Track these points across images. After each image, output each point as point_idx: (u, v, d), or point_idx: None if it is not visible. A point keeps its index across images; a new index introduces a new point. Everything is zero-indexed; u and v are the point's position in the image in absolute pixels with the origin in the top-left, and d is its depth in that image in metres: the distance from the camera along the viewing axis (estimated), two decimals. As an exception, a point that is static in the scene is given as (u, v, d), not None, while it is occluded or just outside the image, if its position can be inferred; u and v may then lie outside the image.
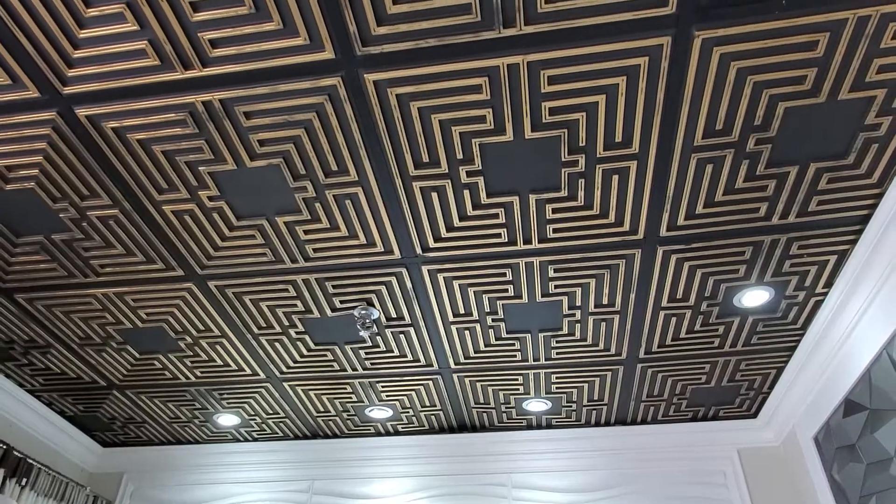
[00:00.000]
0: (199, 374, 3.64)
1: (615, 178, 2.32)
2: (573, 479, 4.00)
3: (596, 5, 1.78)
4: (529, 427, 4.15)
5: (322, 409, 4.00)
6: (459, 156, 2.24)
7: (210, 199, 2.45)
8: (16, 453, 3.49)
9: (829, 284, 2.83)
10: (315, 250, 2.70)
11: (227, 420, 4.15)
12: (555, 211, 2.46)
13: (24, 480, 3.50)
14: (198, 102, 2.08)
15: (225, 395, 3.87)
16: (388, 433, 4.28)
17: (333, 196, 2.42)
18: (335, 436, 4.34)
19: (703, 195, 2.39)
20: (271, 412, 4.05)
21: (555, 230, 2.55)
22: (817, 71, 1.94)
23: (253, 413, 4.07)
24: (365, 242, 2.65)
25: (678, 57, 1.91)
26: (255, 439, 4.42)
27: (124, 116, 2.14)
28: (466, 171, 2.30)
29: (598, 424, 4.08)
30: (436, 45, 1.90)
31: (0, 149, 2.28)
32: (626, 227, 2.53)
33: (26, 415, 3.97)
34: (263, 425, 4.23)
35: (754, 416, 3.95)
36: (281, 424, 4.21)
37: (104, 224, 2.59)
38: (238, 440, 4.44)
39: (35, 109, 2.14)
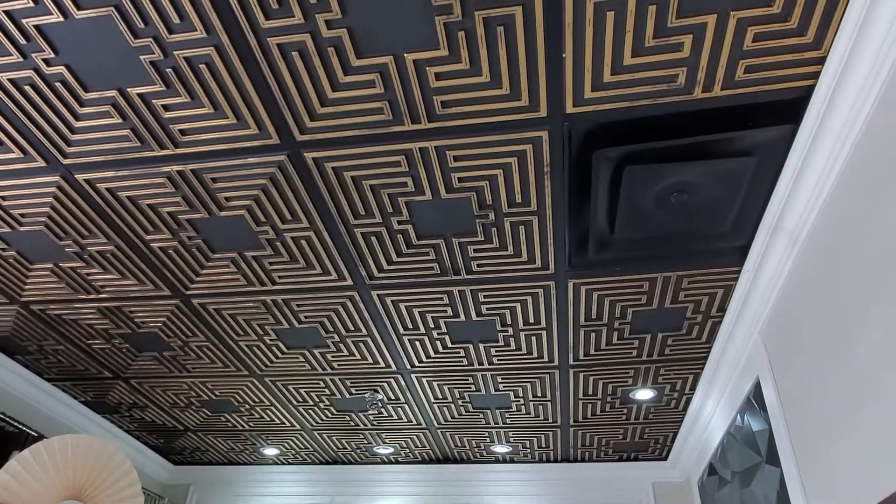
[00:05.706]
0: (252, 424, 5.00)
1: (533, 339, 3.59)
2: (530, 502, 5.33)
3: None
4: (497, 462, 5.48)
5: (341, 447, 5.35)
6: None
7: (280, 349, 3.75)
8: (123, 481, 4.87)
9: (692, 388, 4.10)
10: (338, 364, 4.00)
11: (269, 451, 5.51)
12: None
13: (130, 500, 4.89)
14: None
15: (269, 437, 5.23)
16: (390, 462, 5.64)
17: (352, 341, 3.71)
18: (350, 463, 5.71)
19: (593, 345, 3.65)
20: (303, 447, 5.41)
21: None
22: (647, 296, 3.18)
23: (289, 447, 5.43)
24: (383, 365, 3.94)
25: (560, 294, 3.16)
26: (290, 464, 5.79)
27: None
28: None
29: (547, 461, 5.41)
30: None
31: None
32: (546, 358, 3.80)
33: (121, 446, 5.36)
34: (297, 455, 5.59)
35: (665, 459, 5.25)
36: (310, 455, 5.57)
37: (201, 351, 3.90)
38: (277, 464, 5.82)
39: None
